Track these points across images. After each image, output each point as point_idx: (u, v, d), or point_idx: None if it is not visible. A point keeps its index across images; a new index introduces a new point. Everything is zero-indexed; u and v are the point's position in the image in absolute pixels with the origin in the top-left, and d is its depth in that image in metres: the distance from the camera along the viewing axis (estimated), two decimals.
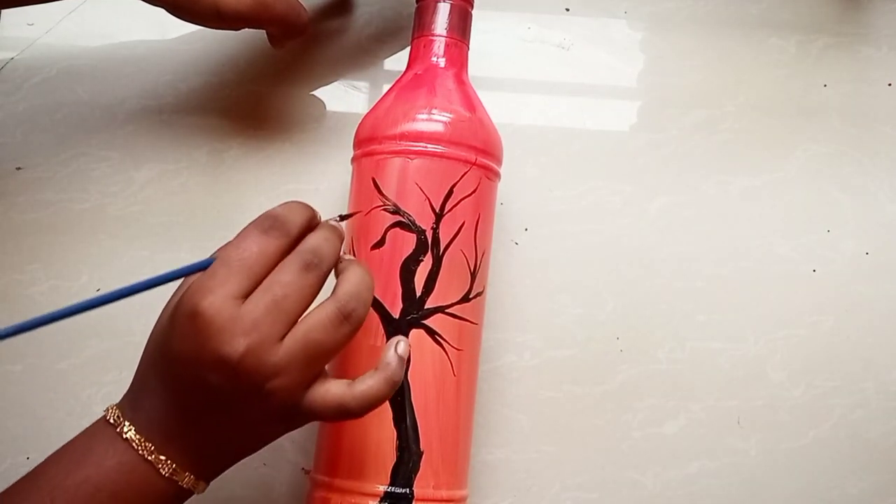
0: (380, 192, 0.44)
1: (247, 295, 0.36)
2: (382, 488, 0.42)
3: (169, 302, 0.40)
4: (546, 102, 0.55)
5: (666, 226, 0.53)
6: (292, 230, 0.38)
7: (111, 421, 0.38)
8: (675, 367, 0.52)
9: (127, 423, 0.37)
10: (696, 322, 0.53)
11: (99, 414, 0.51)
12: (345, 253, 0.42)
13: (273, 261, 0.37)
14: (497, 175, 0.47)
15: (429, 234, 0.43)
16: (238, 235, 0.38)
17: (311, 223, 0.39)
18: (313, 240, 0.38)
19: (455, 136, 0.44)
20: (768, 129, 0.55)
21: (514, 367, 0.52)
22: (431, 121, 0.44)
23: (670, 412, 0.52)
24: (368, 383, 0.37)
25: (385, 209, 0.44)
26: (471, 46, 0.48)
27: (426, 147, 0.44)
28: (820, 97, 0.55)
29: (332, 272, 0.39)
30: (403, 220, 0.43)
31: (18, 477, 0.50)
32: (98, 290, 0.53)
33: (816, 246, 0.53)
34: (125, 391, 0.40)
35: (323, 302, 0.37)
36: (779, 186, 0.54)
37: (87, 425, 0.51)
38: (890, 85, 0.55)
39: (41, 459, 0.51)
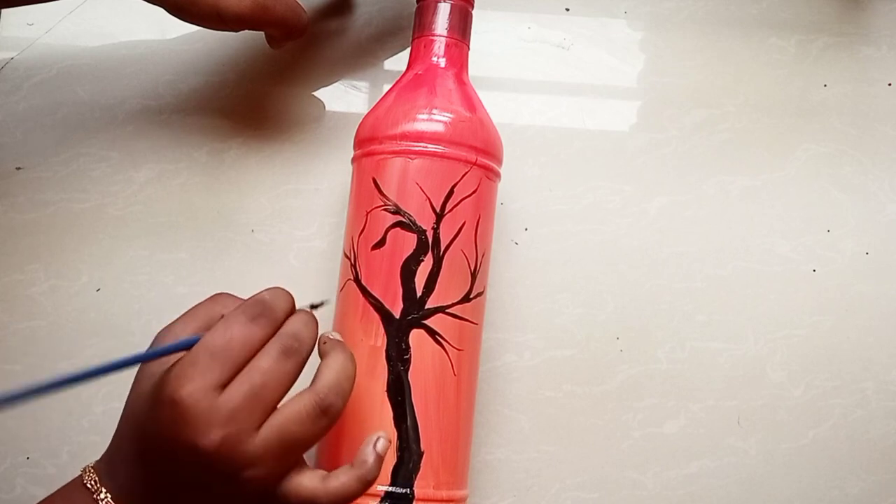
0: (380, 192, 0.44)
1: (226, 384, 0.36)
2: (383, 488, 0.42)
3: (145, 370, 0.39)
4: (546, 102, 0.55)
5: (666, 226, 0.53)
6: (279, 317, 0.38)
7: (88, 486, 0.38)
8: (675, 367, 0.52)
9: (104, 491, 0.37)
10: (696, 322, 0.53)
11: (99, 414, 0.51)
12: (328, 332, 0.41)
13: (256, 349, 0.37)
14: (497, 175, 0.47)
15: (429, 234, 0.43)
16: (224, 319, 0.37)
17: (293, 310, 0.39)
18: (294, 324, 0.38)
19: (455, 137, 0.44)
20: (768, 129, 0.55)
21: (514, 367, 0.52)
22: (432, 121, 0.44)
23: (670, 412, 0.52)
24: (342, 480, 0.37)
25: (386, 209, 0.44)
26: (471, 46, 0.48)
27: (427, 147, 0.44)
28: (820, 97, 0.55)
29: (316, 350, 0.39)
30: (404, 220, 0.43)
31: (18, 477, 0.51)
32: (98, 290, 0.53)
33: (816, 246, 0.54)
34: (103, 451, 0.39)
35: (301, 393, 0.37)
36: (779, 186, 0.54)
37: (87, 425, 0.51)
38: (890, 85, 0.55)
39: (41, 459, 0.51)
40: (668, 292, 0.53)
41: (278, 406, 0.37)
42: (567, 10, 0.56)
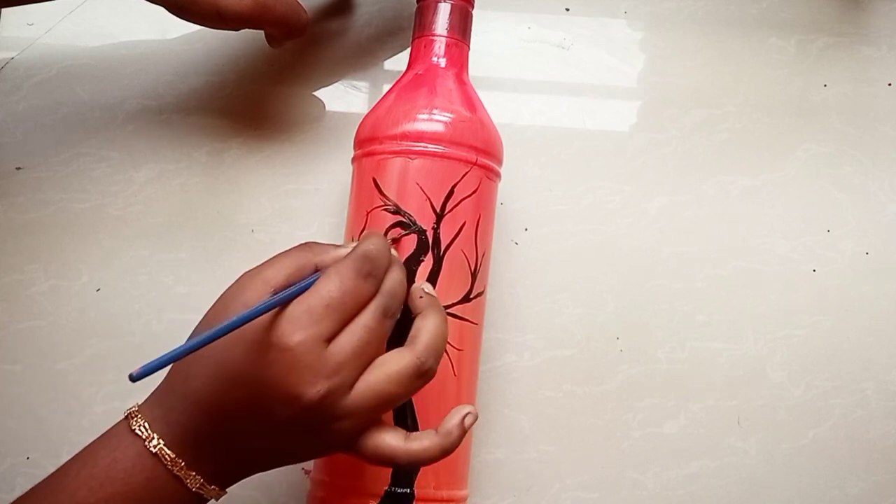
0: (380, 192, 0.44)
1: (333, 337, 0.36)
2: (383, 488, 0.42)
3: (219, 303, 0.38)
4: (546, 102, 0.55)
5: (666, 226, 0.53)
6: (383, 274, 0.38)
7: (137, 432, 0.37)
8: (675, 367, 0.52)
9: (156, 437, 0.36)
10: (696, 322, 0.53)
11: (99, 414, 0.51)
12: (422, 284, 0.41)
13: (363, 305, 0.37)
14: (497, 175, 0.47)
15: (430, 234, 0.43)
16: (337, 271, 0.37)
17: (391, 260, 0.39)
18: (392, 283, 0.38)
19: (456, 137, 0.44)
20: (768, 129, 0.55)
21: (514, 367, 0.52)
22: (432, 121, 0.44)
23: (670, 412, 0.52)
24: (424, 444, 0.37)
25: (386, 209, 0.44)
26: (471, 46, 0.48)
27: (427, 147, 0.44)
28: (820, 97, 0.55)
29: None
30: (404, 219, 0.43)
31: (18, 477, 0.51)
32: (98, 290, 0.53)
33: (816, 246, 0.54)
34: (148, 396, 0.38)
35: (401, 352, 0.37)
36: (779, 186, 0.54)
37: (87, 425, 0.51)
38: (890, 85, 0.55)
39: (41, 459, 0.51)
40: (668, 292, 0.53)
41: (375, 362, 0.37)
42: (567, 10, 0.56)
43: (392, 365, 0.37)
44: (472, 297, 0.45)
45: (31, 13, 0.56)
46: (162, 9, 0.47)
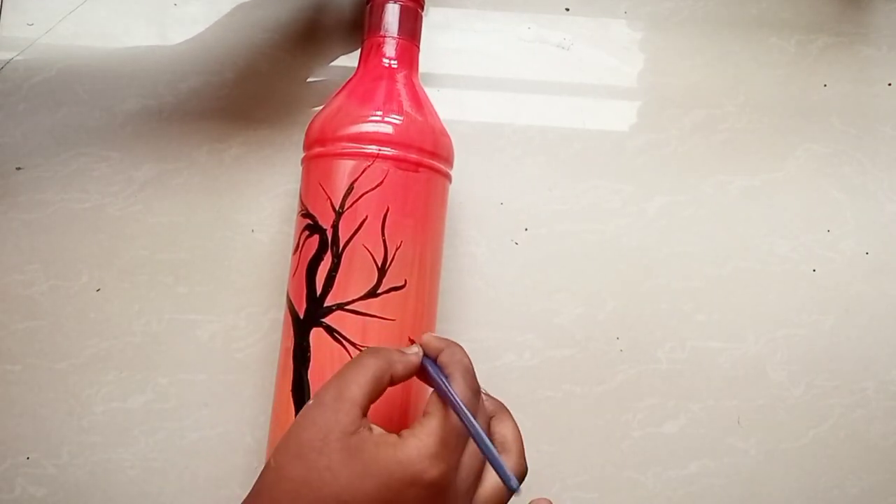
0: (300, 198, 0.45)
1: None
2: None
3: (304, 430, 0.36)
4: (546, 102, 0.55)
5: (666, 226, 0.53)
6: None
7: None
8: (675, 367, 0.52)
9: None
10: (696, 322, 0.53)
11: (99, 414, 0.51)
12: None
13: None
14: (420, 166, 0.45)
15: (329, 233, 0.43)
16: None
17: None
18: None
19: (356, 134, 0.44)
20: (768, 129, 0.55)
21: (514, 366, 0.52)
22: (335, 122, 0.45)
23: (670, 412, 0.52)
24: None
25: (302, 214, 0.45)
26: (472, 47, 0.48)
27: (325, 149, 0.44)
28: (820, 97, 0.55)
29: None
30: (311, 222, 0.44)
31: (18, 477, 0.51)
32: (98, 290, 0.53)
33: (816, 246, 0.54)
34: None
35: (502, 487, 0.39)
36: (779, 186, 0.54)
37: (87, 425, 0.51)
38: (890, 85, 0.55)
39: (41, 459, 0.51)
40: (668, 292, 0.53)
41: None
42: (567, 10, 0.56)
43: (494, 492, 0.39)
44: (380, 291, 0.43)
45: (31, 13, 0.56)
46: (162, 8, 0.46)
